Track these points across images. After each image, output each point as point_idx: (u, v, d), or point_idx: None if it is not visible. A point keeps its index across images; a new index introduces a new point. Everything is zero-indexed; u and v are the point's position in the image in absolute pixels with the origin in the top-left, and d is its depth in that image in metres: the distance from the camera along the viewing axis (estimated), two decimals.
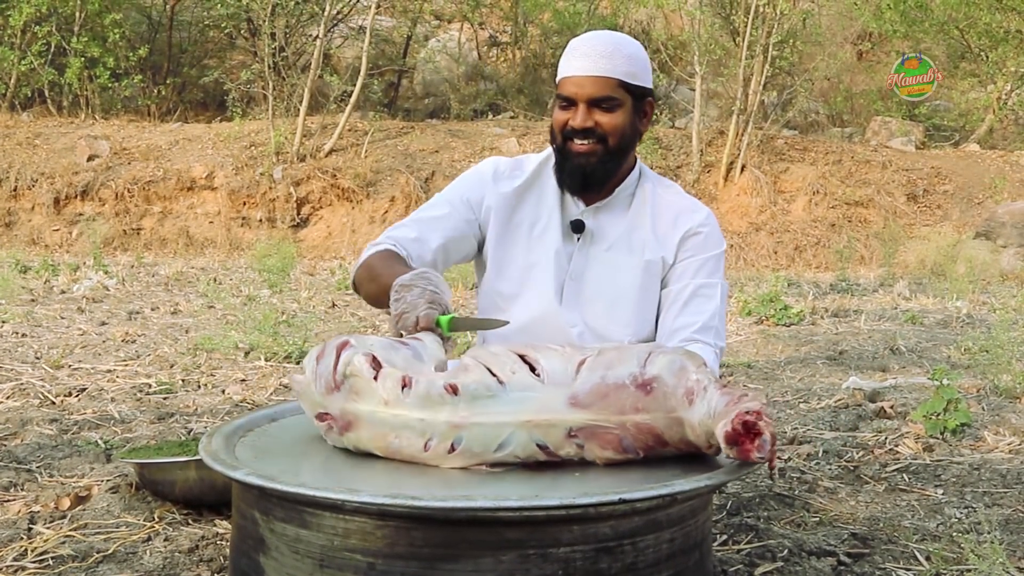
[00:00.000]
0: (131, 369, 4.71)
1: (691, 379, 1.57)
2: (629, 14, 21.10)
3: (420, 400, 1.63)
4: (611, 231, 2.34)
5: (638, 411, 1.59)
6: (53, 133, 17.53)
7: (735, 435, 1.46)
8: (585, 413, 1.60)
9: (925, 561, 2.18)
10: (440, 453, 1.63)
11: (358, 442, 1.71)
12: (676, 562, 1.57)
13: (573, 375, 1.64)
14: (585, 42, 2.24)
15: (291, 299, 8.47)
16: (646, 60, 2.29)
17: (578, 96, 2.22)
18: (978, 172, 16.98)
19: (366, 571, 1.46)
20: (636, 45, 2.28)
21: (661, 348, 1.67)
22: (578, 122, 2.22)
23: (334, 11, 18.31)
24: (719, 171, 16.75)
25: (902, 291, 9.78)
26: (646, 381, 1.59)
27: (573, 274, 2.33)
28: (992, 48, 19.47)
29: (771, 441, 1.47)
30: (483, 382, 1.63)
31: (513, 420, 1.61)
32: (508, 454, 1.62)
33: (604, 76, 2.20)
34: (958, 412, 3.40)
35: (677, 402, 1.56)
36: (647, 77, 2.29)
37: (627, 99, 2.24)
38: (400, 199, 16.10)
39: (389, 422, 1.65)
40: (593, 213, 2.35)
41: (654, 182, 2.41)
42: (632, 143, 2.31)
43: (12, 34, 17.88)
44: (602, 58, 2.20)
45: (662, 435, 1.60)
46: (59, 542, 2.22)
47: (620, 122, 2.24)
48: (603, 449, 1.62)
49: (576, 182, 2.30)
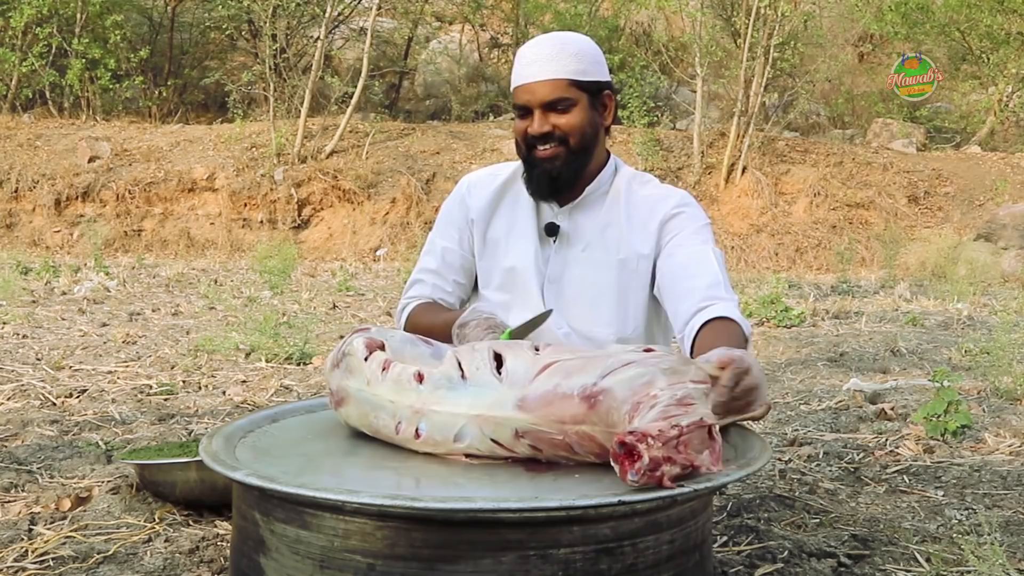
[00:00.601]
0: (132, 370, 4.71)
1: (647, 394, 1.54)
2: (630, 16, 21.10)
3: (393, 383, 1.74)
4: (587, 231, 2.33)
5: (578, 422, 1.59)
6: (54, 134, 17.54)
7: (615, 455, 1.46)
8: (529, 416, 1.62)
9: (925, 563, 2.18)
10: (408, 437, 1.73)
11: (348, 418, 1.86)
12: (676, 563, 1.57)
13: (532, 378, 1.65)
14: (531, 48, 2.24)
15: (292, 300, 8.47)
16: (596, 54, 2.27)
17: (532, 103, 2.22)
18: (979, 174, 16.98)
19: (366, 572, 1.46)
20: (583, 41, 2.27)
21: (643, 360, 1.62)
22: (536, 128, 2.23)
23: (335, 12, 18.33)
24: (720, 173, 16.75)
25: (903, 293, 9.78)
26: (592, 394, 1.58)
27: (551, 277, 2.33)
28: (993, 50, 19.48)
29: (652, 465, 1.43)
30: (447, 374, 1.71)
31: (465, 412, 1.66)
32: (468, 446, 1.67)
33: (553, 78, 2.19)
34: (959, 414, 3.40)
35: (619, 417, 1.55)
36: (600, 71, 2.27)
37: (581, 96, 2.23)
38: (401, 200, 16.11)
39: (370, 401, 1.77)
40: (568, 214, 2.34)
41: (629, 177, 2.39)
42: (595, 139, 2.30)
43: (13, 35, 17.89)
44: (549, 61, 2.20)
45: (605, 446, 1.59)
46: (60, 543, 2.22)
47: (577, 121, 2.23)
48: (554, 451, 1.64)
49: (545, 188, 2.30)
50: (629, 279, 2.31)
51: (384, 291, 9.84)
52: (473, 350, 1.74)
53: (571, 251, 2.33)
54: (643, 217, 2.31)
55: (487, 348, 1.74)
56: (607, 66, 2.33)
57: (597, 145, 2.31)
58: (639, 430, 1.44)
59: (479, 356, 1.72)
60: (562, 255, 2.33)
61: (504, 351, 1.72)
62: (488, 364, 1.70)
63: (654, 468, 1.43)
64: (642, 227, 2.31)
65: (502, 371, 1.68)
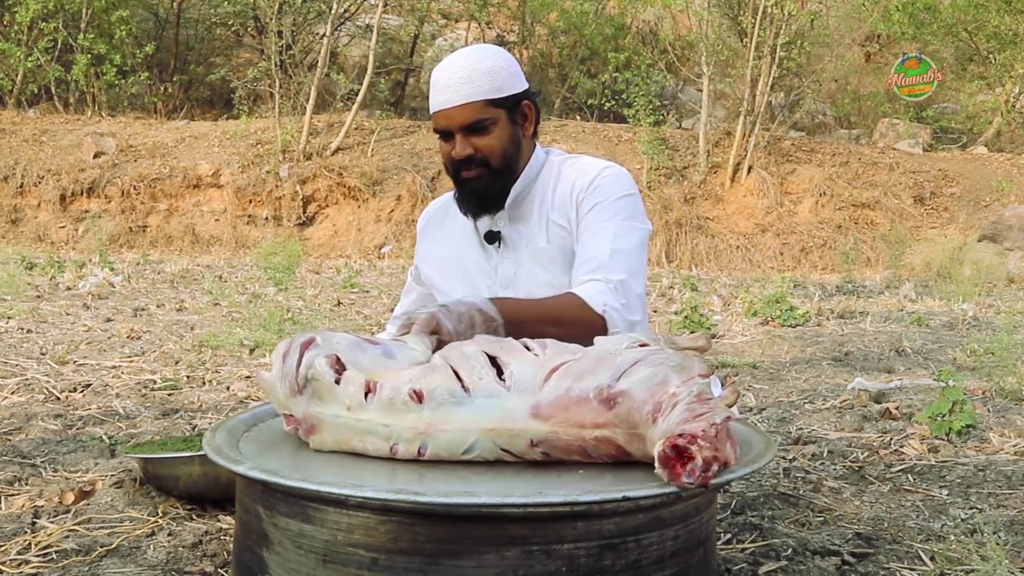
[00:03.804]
0: (136, 365, 4.72)
1: (666, 393, 1.54)
2: (636, 14, 21.09)
3: (384, 406, 1.62)
4: (525, 228, 2.33)
5: (598, 426, 1.57)
6: (59, 130, 17.57)
7: (665, 458, 1.45)
8: (545, 424, 1.58)
9: (929, 561, 2.17)
10: (408, 457, 1.62)
11: (322, 445, 1.70)
12: (680, 560, 1.56)
13: (541, 383, 1.61)
14: (443, 72, 2.22)
15: (296, 297, 8.48)
16: (510, 66, 2.24)
17: (451, 127, 2.22)
18: (985, 175, 16.95)
19: (369, 566, 1.46)
20: (495, 57, 2.23)
21: (650, 359, 1.62)
22: (458, 152, 2.22)
23: (341, 9, 18.34)
24: (726, 172, 16.74)
25: (908, 293, 9.76)
26: (611, 396, 1.56)
27: (503, 282, 2.33)
28: (1000, 51, 19.45)
29: (704, 465, 1.44)
30: (448, 389, 1.61)
31: (477, 427, 1.60)
32: (476, 456, 1.62)
33: (469, 102, 2.18)
34: (963, 414, 3.39)
35: (641, 418, 1.54)
36: (515, 83, 2.25)
37: (499, 114, 2.22)
38: (406, 198, 16.12)
39: (352, 427, 1.64)
40: (507, 219, 2.33)
41: (559, 162, 2.37)
42: (518, 152, 2.29)
43: (19, 31, 17.93)
44: (462, 84, 2.18)
45: (624, 448, 1.58)
46: (63, 536, 2.22)
47: (497, 141, 2.22)
48: (568, 455, 1.62)
49: (475, 207, 2.30)
50: (568, 259, 2.30)
51: (388, 288, 9.84)
52: (465, 356, 1.68)
53: (517, 253, 2.32)
54: (564, 194, 2.30)
55: (479, 352, 1.68)
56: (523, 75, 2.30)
57: (521, 157, 2.31)
58: (688, 432, 1.43)
59: (475, 363, 1.66)
60: (509, 258, 2.33)
61: (496, 352, 1.68)
62: (488, 371, 1.64)
63: (706, 468, 1.43)
64: (562, 203, 2.30)
65: (505, 377, 1.64)
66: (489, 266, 2.35)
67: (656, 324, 7.07)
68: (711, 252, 15.76)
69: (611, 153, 17.06)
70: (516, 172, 2.29)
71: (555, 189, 2.31)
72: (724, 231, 16.11)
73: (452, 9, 22.91)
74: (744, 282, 11.95)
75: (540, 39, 22.12)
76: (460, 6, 22.31)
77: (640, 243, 2.26)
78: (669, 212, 16.02)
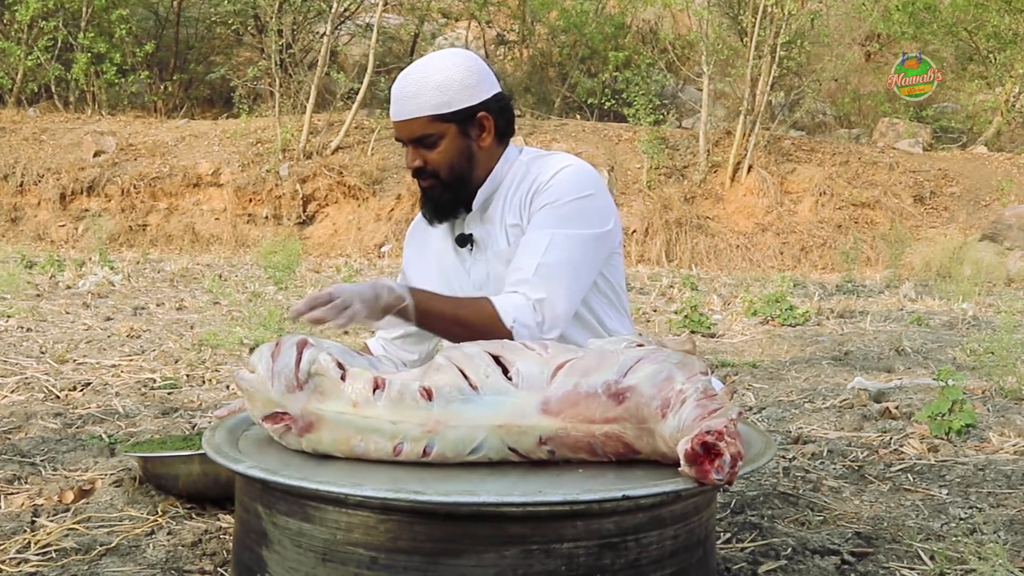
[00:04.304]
0: (136, 364, 4.72)
1: (673, 389, 1.54)
2: (637, 13, 21.09)
3: (393, 403, 1.61)
4: (492, 229, 2.31)
5: (607, 421, 1.57)
6: (59, 129, 17.56)
7: (694, 455, 1.45)
8: (555, 420, 1.59)
9: (929, 560, 2.17)
10: (412, 458, 1.61)
11: (318, 444, 1.66)
12: (679, 559, 1.57)
13: (548, 379, 1.62)
14: (398, 83, 2.21)
15: (296, 296, 8.47)
16: (462, 80, 2.19)
17: (403, 139, 2.23)
18: (985, 174, 16.95)
19: (368, 565, 1.46)
20: (447, 71, 2.18)
21: (652, 356, 1.63)
22: (409, 162, 2.25)
23: (341, 8, 18.34)
24: (726, 171, 16.74)
25: (908, 293, 9.76)
26: (620, 391, 1.57)
27: (475, 284, 2.32)
28: (1000, 50, 19.45)
29: (732, 462, 1.45)
30: (456, 386, 1.61)
31: (486, 424, 1.59)
32: (482, 456, 1.61)
33: (413, 117, 2.18)
34: (963, 413, 3.39)
35: (650, 414, 1.54)
36: (466, 96, 2.19)
37: (447, 128, 2.19)
38: (406, 197, 16.12)
39: (356, 424, 1.62)
40: (479, 220, 2.32)
41: (529, 161, 2.32)
42: (470, 164, 2.25)
43: (19, 29, 17.93)
44: (409, 99, 2.17)
45: (632, 445, 1.58)
46: (62, 535, 2.22)
47: (444, 156, 2.21)
48: (575, 452, 1.62)
49: (433, 213, 2.32)
50: None
51: None
52: (468, 355, 1.67)
53: (489, 253, 2.31)
54: (521, 194, 2.27)
55: (482, 352, 1.68)
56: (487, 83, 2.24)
57: (475, 168, 2.27)
58: (715, 429, 1.44)
59: (480, 361, 1.65)
60: (482, 260, 2.32)
61: (498, 352, 1.68)
62: (495, 369, 1.64)
63: (733, 464, 1.44)
64: (519, 203, 2.27)
65: (512, 375, 1.64)
66: (463, 269, 2.35)
67: (656, 324, 7.08)
68: (711, 251, 15.76)
69: (611, 152, 17.07)
70: (470, 182, 2.27)
71: (516, 189, 2.28)
72: (724, 230, 16.11)
73: (452, 8, 22.91)
74: (744, 281, 11.96)
75: (540, 38, 22.12)
76: (460, 5, 22.30)
77: (582, 252, 2.18)
78: (669, 211, 16.02)
